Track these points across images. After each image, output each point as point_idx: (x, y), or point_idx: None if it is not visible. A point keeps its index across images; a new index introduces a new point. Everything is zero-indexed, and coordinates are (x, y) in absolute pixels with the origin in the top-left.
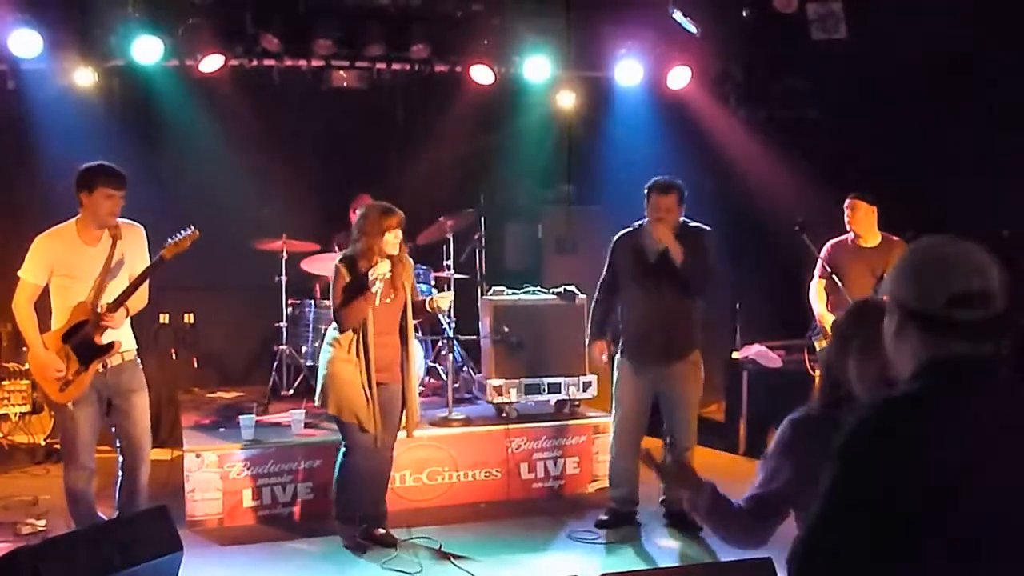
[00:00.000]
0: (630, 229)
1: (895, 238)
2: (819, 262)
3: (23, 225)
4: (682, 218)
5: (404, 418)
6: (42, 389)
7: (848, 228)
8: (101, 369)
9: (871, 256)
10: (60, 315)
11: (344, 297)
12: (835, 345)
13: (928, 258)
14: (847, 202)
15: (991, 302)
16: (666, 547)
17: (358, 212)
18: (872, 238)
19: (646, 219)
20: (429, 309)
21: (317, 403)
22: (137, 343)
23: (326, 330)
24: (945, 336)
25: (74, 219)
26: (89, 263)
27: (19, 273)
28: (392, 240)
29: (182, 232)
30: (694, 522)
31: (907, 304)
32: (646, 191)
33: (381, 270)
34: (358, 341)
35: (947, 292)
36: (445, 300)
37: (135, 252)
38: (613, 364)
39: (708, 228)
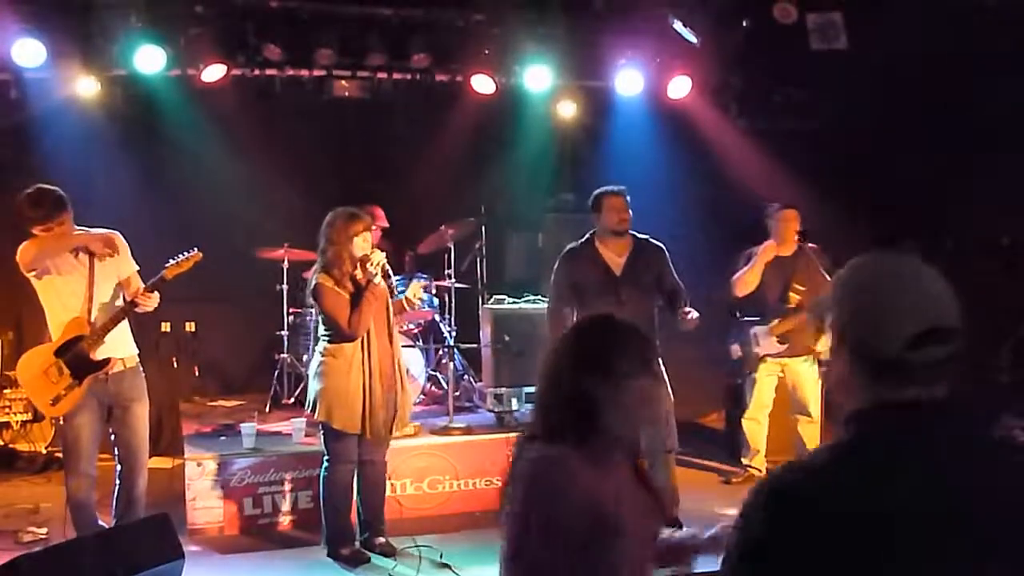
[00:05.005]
0: (582, 242)
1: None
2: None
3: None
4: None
5: (394, 421)
6: (33, 402)
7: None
8: (102, 375)
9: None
10: (55, 327)
11: (351, 303)
12: None
13: (877, 289)
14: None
15: (950, 338)
16: None
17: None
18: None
19: (594, 232)
20: (408, 308)
21: (307, 410)
22: (138, 351)
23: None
24: (897, 379)
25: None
26: (71, 261)
27: (25, 271)
28: (361, 244)
29: (185, 253)
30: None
31: (856, 345)
32: (596, 200)
33: (376, 259)
34: (363, 351)
35: (903, 334)
36: (418, 289)
37: (118, 256)
38: None
39: (659, 242)
